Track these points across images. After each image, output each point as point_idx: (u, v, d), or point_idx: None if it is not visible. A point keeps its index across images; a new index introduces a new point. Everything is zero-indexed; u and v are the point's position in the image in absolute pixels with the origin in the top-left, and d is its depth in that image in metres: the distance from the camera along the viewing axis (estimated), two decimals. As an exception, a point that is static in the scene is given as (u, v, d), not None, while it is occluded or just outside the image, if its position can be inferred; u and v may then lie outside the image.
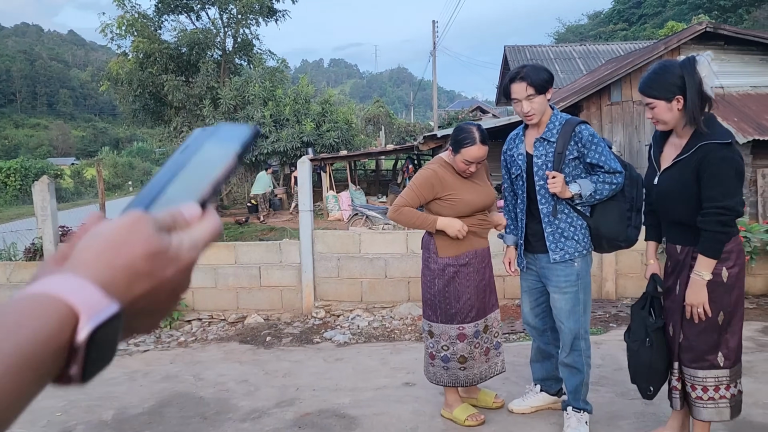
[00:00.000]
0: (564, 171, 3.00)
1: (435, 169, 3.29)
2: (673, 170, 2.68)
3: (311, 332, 5.94)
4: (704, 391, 2.68)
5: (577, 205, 3.03)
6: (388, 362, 4.73)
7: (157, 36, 20.07)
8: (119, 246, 0.47)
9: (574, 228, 3.05)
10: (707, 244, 2.55)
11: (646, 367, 2.84)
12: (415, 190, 3.27)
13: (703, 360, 2.67)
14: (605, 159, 2.95)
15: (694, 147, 2.58)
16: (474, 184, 3.29)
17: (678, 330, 2.72)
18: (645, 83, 2.66)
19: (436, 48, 28.04)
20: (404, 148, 18.00)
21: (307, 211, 6.48)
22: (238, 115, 19.22)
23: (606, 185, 2.96)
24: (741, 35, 11.69)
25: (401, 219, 3.29)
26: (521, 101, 2.99)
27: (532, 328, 3.42)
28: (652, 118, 2.68)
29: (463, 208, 3.23)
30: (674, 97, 2.56)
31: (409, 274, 6.41)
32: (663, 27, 31.13)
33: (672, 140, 2.78)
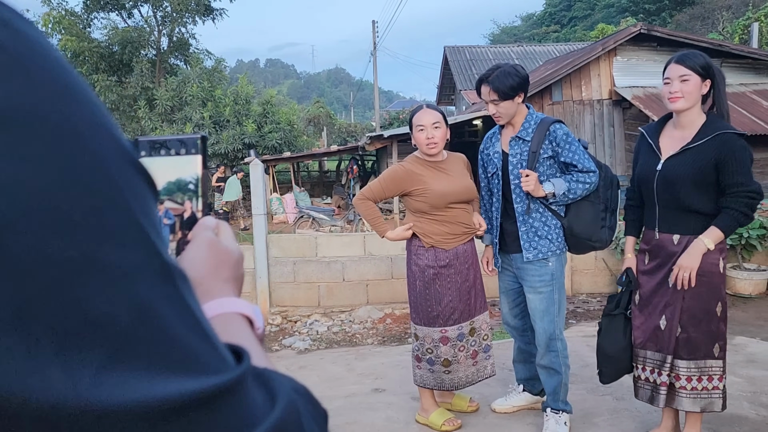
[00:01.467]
0: (538, 170, 3.00)
1: (403, 164, 3.27)
2: (684, 156, 2.67)
3: (269, 340, 5.76)
4: (699, 381, 2.70)
5: (551, 204, 3.03)
6: (354, 368, 4.63)
7: (87, 34, 19.19)
8: (227, 263, 0.59)
9: (548, 227, 3.04)
10: (728, 221, 2.58)
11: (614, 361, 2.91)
12: (381, 182, 3.30)
13: (699, 351, 2.69)
14: (579, 158, 2.95)
15: (709, 134, 2.61)
16: (447, 175, 3.23)
17: (675, 324, 2.69)
18: (686, 56, 2.67)
19: (376, 49, 28.05)
20: (348, 149, 17.89)
21: (261, 215, 6.29)
22: (176, 116, 18.62)
23: (580, 184, 2.95)
24: (673, 37, 12.22)
25: (361, 210, 3.36)
26: (489, 104, 3.04)
27: (512, 329, 3.41)
28: (676, 92, 2.64)
29: (437, 200, 3.15)
30: (707, 78, 2.64)
31: (367, 277, 6.32)
32: (593, 29, 32.24)
33: (670, 132, 2.78)
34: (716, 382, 2.71)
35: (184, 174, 0.60)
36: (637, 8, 37.11)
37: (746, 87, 12.39)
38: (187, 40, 21.13)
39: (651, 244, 2.83)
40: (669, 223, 2.74)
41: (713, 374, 2.71)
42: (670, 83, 2.67)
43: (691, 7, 32.91)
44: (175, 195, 0.61)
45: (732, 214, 2.58)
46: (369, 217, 3.32)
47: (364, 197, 3.31)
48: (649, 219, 2.86)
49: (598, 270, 6.42)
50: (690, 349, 2.70)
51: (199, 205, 0.61)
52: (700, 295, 2.65)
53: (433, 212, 3.19)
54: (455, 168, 3.29)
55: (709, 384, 2.70)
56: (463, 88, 21.24)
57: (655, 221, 2.79)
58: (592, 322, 5.48)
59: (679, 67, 2.66)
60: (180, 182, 0.60)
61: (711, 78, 2.66)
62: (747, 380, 3.78)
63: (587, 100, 12.65)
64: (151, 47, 20.44)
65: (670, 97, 2.68)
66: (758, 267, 6.12)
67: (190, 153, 0.61)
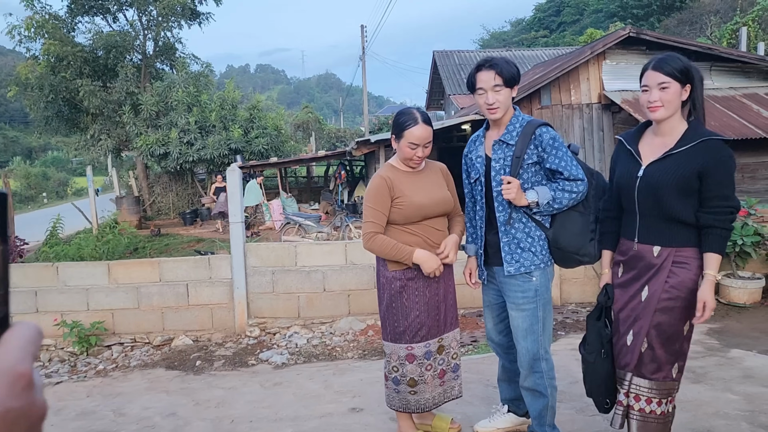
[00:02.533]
0: (522, 177, 2.78)
1: (382, 175, 3.00)
2: (666, 162, 2.50)
3: (245, 353, 5.52)
4: (648, 403, 2.55)
5: (535, 214, 2.80)
6: (331, 385, 4.39)
7: (70, 38, 18.83)
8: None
9: (532, 239, 2.82)
10: (719, 241, 2.44)
11: (603, 380, 2.70)
12: (373, 206, 2.94)
13: (660, 370, 2.54)
14: (566, 165, 2.73)
15: (693, 140, 2.46)
16: (426, 187, 3.01)
17: (641, 339, 2.54)
18: (663, 62, 2.50)
19: (365, 53, 27.87)
20: (336, 154, 17.65)
21: (238, 222, 6.05)
22: (161, 121, 18.33)
23: (566, 194, 2.72)
24: (662, 40, 12.09)
25: (375, 249, 2.96)
26: (487, 92, 2.76)
27: (496, 345, 3.18)
28: (656, 101, 2.48)
29: (413, 212, 2.94)
30: (686, 84, 2.50)
31: (349, 287, 6.09)
32: (582, 34, 32.25)
33: (650, 139, 2.62)
34: (666, 406, 2.57)
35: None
36: (625, 13, 37.22)
37: (736, 91, 12.28)
38: (173, 44, 20.85)
39: (627, 255, 2.65)
40: (650, 233, 2.56)
41: (667, 396, 2.56)
42: (649, 91, 2.51)
43: (679, 12, 33.03)
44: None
45: (721, 234, 2.43)
46: (387, 249, 2.91)
47: (371, 234, 2.93)
48: (627, 229, 2.67)
49: (587, 279, 6.21)
50: (653, 368, 2.54)
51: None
52: (673, 312, 2.49)
53: (407, 224, 2.97)
54: (434, 178, 3.08)
55: (658, 408, 2.55)
56: (452, 92, 21.08)
57: (635, 231, 2.61)
58: (581, 334, 5.25)
59: (656, 74, 2.49)
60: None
61: (690, 82, 2.50)
62: (744, 398, 3.57)
63: (576, 104, 12.49)
64: (137, 52, 20.15)
65: (649, 107, 2.52)
66: (753, 275, 5.93)
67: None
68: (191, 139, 17.96)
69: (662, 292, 2.49)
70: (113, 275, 6.09)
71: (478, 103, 2.85)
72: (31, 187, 41.96)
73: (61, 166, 50.89)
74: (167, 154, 18.02)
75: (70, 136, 22.56)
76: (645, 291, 2.55)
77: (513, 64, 2.82)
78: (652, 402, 2.54)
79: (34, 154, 61.25)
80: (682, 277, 2.47)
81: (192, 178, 20.41)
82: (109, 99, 18.64)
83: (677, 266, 2.49)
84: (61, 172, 48.22)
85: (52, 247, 10.47)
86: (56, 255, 9.60)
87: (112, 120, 19.16)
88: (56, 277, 6.10)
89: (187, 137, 17.95)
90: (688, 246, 2.49)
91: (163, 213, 20.37)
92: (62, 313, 6.04)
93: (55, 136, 25.66)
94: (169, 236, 15.38)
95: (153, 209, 20.52)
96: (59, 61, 18.24)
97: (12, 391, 0.41)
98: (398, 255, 2.92)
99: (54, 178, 45.80)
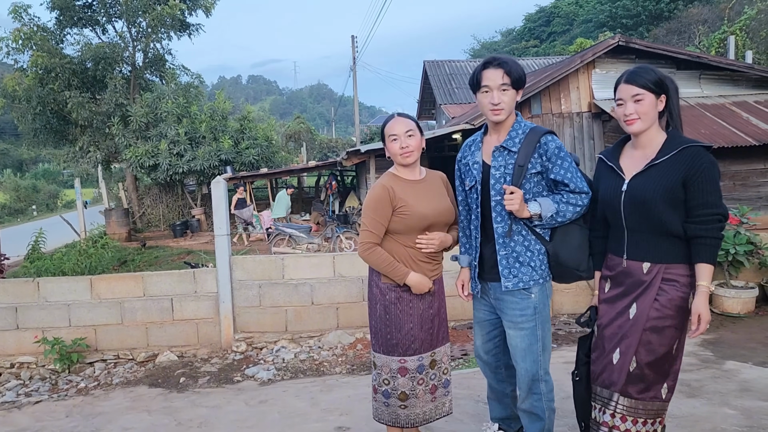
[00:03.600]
0: (524, 187, 2.64)
1: (382, 183, 2.89)
2: (650, 174, 2.43)
3: (231, 369, 5.38)
4: (634, 424, 2.46)
5: (536, 226, 2.67)
6: (318, 402, 4.26)
7: (59, 50, 18.67)
8: None
9: (531, 252, 2.69)
10: (709, 251, 2.36)
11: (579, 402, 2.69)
12: (372, 215, 2.83)
13: (648, 390, 2.45)
14: (571, 176, 2.61)
15: (675, 148, 2.40)
16: (429, 197, 2.90)
17: (629, 358, 2.44)
18: (636, 74, 2.46)
19: (356, 63, 27.87)
20: (327, 164, 17.55)
21: (223, 235, 5.93)
22: (151, 133, 18.19)
23: (570, 206, 2.61)
24: (651, 49, 12.11)
25: (371, 261, 2.87)
26: (492, 91, 2.62)
27: (484, 364, 3.05)
28: (632, 114, 2.44)
29: (416, 222, 2.82)
30: (661, 94, 2.46)
31: (337, 300, 5.97)
32: (572, 44, 32.39)
33: (629, 153, 2.57)
34: (656, 426, 2.48)
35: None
36: (614, 23, 37.46)
37: (725, 99, 12.29)
38: (162, 55, 20.75)
39: (615, 271, 2.57)
40: (639, 249, 2.48)
41: (656, 417, 2.48)
42: (624, 105, 2.46)
43: (667, 22, 33.27)
44: None
45: (710, 243, 2.35)
46: (383, 264, 2.83)
47: (370, 245, 2.83)
48: (615, 245, 2.58)
49: (579, 289, 6.12)
50: (640, 388, 2.45)
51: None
52: (662, 331, 2.40)
53: (407, 233, 2.85)
54: (435, 188, 2.97)
55: (647, 428, 2.47)
56: (443, 102, 21.07)
57: (623, 247, 2.53)
58: (573, 346, 5.14)
59: (630, 86, 2.45)
60: None
61: (665, 92, 2.45)
62: (742, 413, 3.47)
63: (567, 113, 12.48)
64: (126, 63, 20.02)
65: (625, 120, 2.46)
66: (746, 284, 5.85)
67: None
68: (181, 150, 17.83)
69: (651, 310, 2.41)
70: (96, 290, 5.95)
71: (480, 103, 2.69)
72: (20, 199, 41.56)
73: (52, 179, 50.49)
74: (157, 165, 17.87)
75: (59, 148, 22.32)
76: (633, 308, 2.47)
77: (520, 65, 2.70)
78: (637, 422, 2.46)
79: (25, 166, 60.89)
80: (672, 294, 2.40)
81: (182, 190, 20.25)
82: (98, 111, 18.49)
83: (666, 283, 2.41)
84: (51, 185, 47.83)
85: (33, 262, 10.27)
86: (37, 270, 9.41)
87: (101, 132, 19.00)
88: (37, 293, 5.95)
89: (177, 148, 17.82)
90: (678, 262, 2.41)
91: (153, 225, 20.19)
92: (43, 329, 5.89)
93: (44, 148, 25.43)
94: (159, 248, 15.21)
95: (143, 221, 20.33)
96: (47, 73, 18.09)
97: None
98: (392, 273, 2.83)
99: (44, 190, 45.42)
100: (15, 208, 39.15)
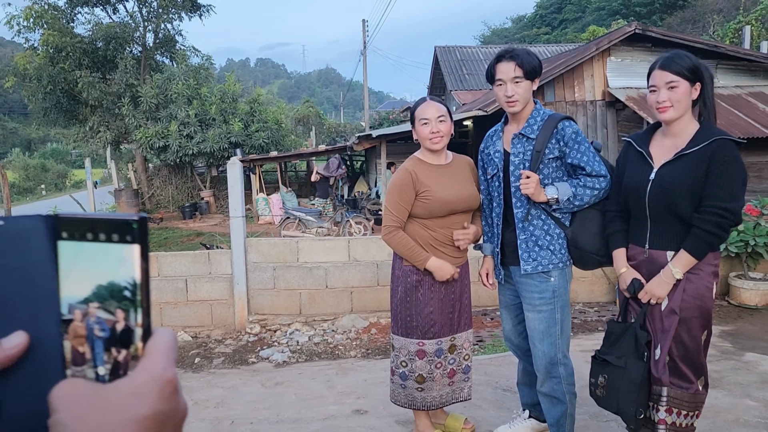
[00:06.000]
0: (542, 172, 2.66)
1: (407, 167, 2.91)
2: (679, 163, 2.39)
3: (245, 351, 5.39)
4: (678, 416, 2.43)
5: (555, 211, 2.68)
6: (334, 385, 4.26)
7: (70, 29, 18.62)
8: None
9: (550, 237, 2.69)
10: (696, 242, 2.32)
11: (638, 386, 2.48)
12: (395, 199, 2.86)
13: (692, 384, 2.41)
14: (588, 160, 2.61)
15: (706, 140, 2.34)
16: (453, 182, 2.90)
17: (665, 352, 2.42)
18: (671, 60, 2.40)
19: (366, 48, 27.69)
20: (337, 149, 17.50)
21: (238, 217, 5.91)
22: (161, 113, 18.15)
23: (587, 190, 2.60)
24: (668, 37, 11.95)
25: (392, 244, 2.91)
26: (506, 83, 2.65)
27: (515, 348, 3.06)
28: (665, 101, 2.38)
29: (438, 207, 2.83)
30: (696, 82, 2.39)
31: (351, 284, 5.96)
32: (584, 31, 32.09)
33: (660, 141, 2.52)
34: (693, 419, 2.46)
35: (117, 273, 0.47)
36: (628, 11, 37.08)
37: (742, 89, 12.16)
38: (173, 36, 20.65)
39: (637, 260, 2.52)
40: (662, 238, 2.44)
41: (692, 411, 2.44)
42: (657, 92, 2.41)
43: (681, 11, 32.90)
44: (107, 303, 0.47)
45: (700, 235, 2.30)
46: (404, 248, 2.86)
47: (392, 228, 2.86)
48: (637, 235, 2.53)
49: (595, 278, 6.09)
50: (676, 380, 2.42)
51: (138, 317, 0.47)
52: (691, 322, 2.36)
53: (430, 218, 2.86)
54: (461, 173, 2.96)
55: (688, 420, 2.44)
56: (453, 88, 20.93)
57: (646, 236, 2.49)
58: (590, 335, 5.14)
59: (664, 73, 2.38)
60: (113, 287, 0.47)
61: (701, 80, 2.39)
62: (764, 404, 3.45)
63: (580, 101, 12.36)
64: (136, 43, 19.95)
65: (658, 107, 2.40)
66: (765, 276, 5.81)
67: (125, 241, 0.46)
68: (191, 132, 17.79)
69: (681, 301, 2.37)
70: (111, 269, 5.95)
71: (496, 95, 2.74)
72: (29, 178, 41.75)
73: (61, 158, 50.65)
74: (166, 147, 17.85)
75: (69, 127, 22.31)
76: (665, 299, 2.42)
77: (534, 55, 2.71)
78: (681, 414, 2.43)
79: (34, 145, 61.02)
80: (697, 284, 2.37)
81: (191, 172, 20.24)
82: (109, 91, 18.45)
83: (691, 273, 2.37)
84: (60, 164, 48.00)
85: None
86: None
87: (111, 112, 18.97)
88: (52, 271, 5.96)
89: (187, 130, 17.78)
90: None
91: (162, 206, 20.22)
92: (58, 307, 5.91)
93: (54, 127, 25.43)
94: (168, 230, 15.25)
95: (152, 202, 20.36)
96: (58, 52, 18.04)
97: (161, 395, 0.45)
98: (413, 258, 2.87)
99: (53, 170, 45.59)
100: (24, 187, 39.33)
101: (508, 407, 3.55)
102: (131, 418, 0.44)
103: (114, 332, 0.47)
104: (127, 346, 0.47)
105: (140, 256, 0.47)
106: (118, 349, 0.48)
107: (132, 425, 0.44)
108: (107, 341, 0.48)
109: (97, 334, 0.48)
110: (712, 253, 2.38)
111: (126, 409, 0.44)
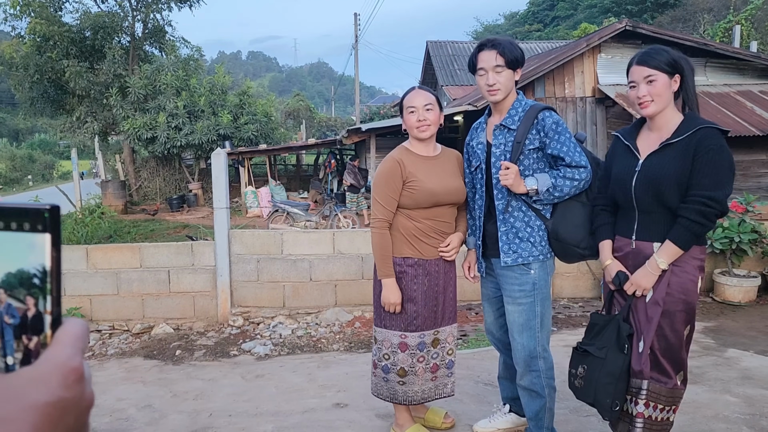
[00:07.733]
0: (522, 163, 2.63)
1: (394, 156, 2.88)
2: (665, 153, 2.37)
3: (227, 343, 5.34)
4: (654, 410, 2.41)
5: (535, 203, 2.65)
6: (315, 378, 4.23)
7: (57, 18, 18.38)
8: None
9: (531, 228, 2.66)
10: (681, 232, 2.29)
11: (616, 378, 2.46)
12: (384, 188, 2.82)
13: (668, 378, 2.40)
14: (567, 150, 2.58)
15: (690, 129, 2.33)
16: (440, 174, 2.87)
17: (648, 345, 2.40)
18: (648, 55, 2.40)
19: (358, 41, 27.57)
20: (326, 143, 17.43)
21: (222, 208, 5.85)
22: (149, 104, 17.97)
23: (567, 181, 2.57)
24: (658, 35, 11.96)
25: (374, 240, 2.87)
26: (487, 72, 2.63)
27: (497, 341, 3.03)
28: (645, 96, 2.37)
29: (424, 198, 2.80)
30: (675, 74, 2.38)
31: (336, 277, 5.92)
32: (576, 29, 32.15)
33: (646, 135, 2.51)
34: (671, 413, 2.44)
35: (27, 261, 0.47)
36: (619, 9, 37.17)
37: (730, 87, 12.20)
38: (162, 27, 20.42)
39: (623, 252, 2.50)
40: (649, 229, 2.42)
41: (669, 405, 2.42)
42: (637, 87, 2.40)
43: (672, 9, 33.03)
44: (16, 291, 0.47)
45: (685, 224, 2.28)
46: (379, 251, 2.83)
47: (381, 224, 2.82)
48: (624, 226, 2.52)
49: (580, 273, 6.08)
50: (657, 374, 2.40)
51: (48, 305, 0.47)
52: (675, 316, 2.35)
53: (415, 209, 2.82)
54: (448, 166, 2.94)
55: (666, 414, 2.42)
56: (444, 83, 20.89)
57: (633, 228, 2.47)
58: (573, 330, 5.13)
59: (642, 68, 2.39)
60: (22, 274, 0.47)
61: (680, 72, 2.38)
62: (744, 400, 3.45)
63: (570, 98, 12.36)
64: (125, 33, 19.72)
65: (639, 103, 2.40)
66: (748, 273, 5.82)
67: (36, 230, 0.47)
68: (179, 123, 17.63)
69: (666, 294, 2.35)
70: (92, 260, 5.88)
71: (478, 84, 2.72)
72: (16, 169, 41.32)
73: (48, 149, 50.18)
74: (155, 138, 17.68)
75: (56, 118, 22.06)
76: (651, 292, 2.41)
77: (517, 45, 2.69)
78: (657, 408, 2.41)
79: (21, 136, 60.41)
80: (682, 278, 2.35)
81: (179, 164, 20.08)
82: (96, 81, 18.24)
83: (676, 266, 2.36)
84: (47, 155, 47.55)
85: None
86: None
87: (98, 102, 18.77)
88: (32, 261, 5.87)
89: (175, 122, 17.62)
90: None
91: (149, 198, 20.05)
92: (38, 298, 5.82)
93: (41, 117, 25.17)
94: (155, 221, 15.13)
95: (139, 194, 20.19)
96: (45, 41, 17.82)
97: (64, 383, 0.45)
98: (380, 264, 2.86)
99: (40, 160, 45.15)
100: (11, 177, 38.93)
101: (489, 401, 3.53)
102: (31, 405, 0.43)
103: (25, 319, 0.47)
104: (38, 334, 0.47)
105: (51, 245, 0.47)
106: (29, 336, 0.48)
107: (32, 411, 0.43)
108: (17, 328, 0.47)
109: (7, 321, 0.47)
110: (698, 247, 2.37)
111: (27, 395, 0.44)
